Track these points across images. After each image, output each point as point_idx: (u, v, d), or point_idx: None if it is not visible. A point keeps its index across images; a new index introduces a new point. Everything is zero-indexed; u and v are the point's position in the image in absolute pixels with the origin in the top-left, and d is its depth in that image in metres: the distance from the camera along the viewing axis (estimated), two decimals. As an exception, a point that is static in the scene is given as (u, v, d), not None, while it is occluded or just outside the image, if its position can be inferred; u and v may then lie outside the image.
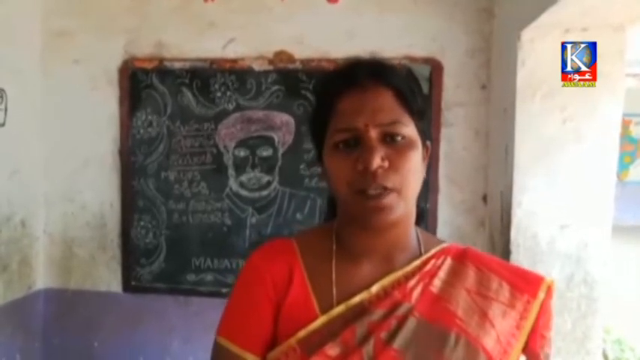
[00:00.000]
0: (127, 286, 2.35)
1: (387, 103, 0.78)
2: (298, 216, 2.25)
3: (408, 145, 0.78)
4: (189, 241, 2.31)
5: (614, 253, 1.88)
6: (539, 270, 1.72)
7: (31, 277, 2.36)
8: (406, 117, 0.79)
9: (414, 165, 0.78)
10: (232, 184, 2.27)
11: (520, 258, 1.75)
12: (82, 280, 2.40)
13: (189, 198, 2.30)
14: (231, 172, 2.27)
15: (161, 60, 2.29)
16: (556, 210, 1.74)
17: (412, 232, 0.86)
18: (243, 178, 2.27)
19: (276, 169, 2.25)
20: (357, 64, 0.84)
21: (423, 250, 0.85)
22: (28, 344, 2.33)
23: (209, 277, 2.29)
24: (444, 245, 0.88)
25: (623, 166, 8.56)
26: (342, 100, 0.80)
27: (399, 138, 0.77)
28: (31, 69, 2.34)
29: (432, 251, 0.85)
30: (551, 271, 1.74)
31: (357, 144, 0.77)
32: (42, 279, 2.42)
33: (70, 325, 2.39)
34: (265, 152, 2.25)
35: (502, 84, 1.94)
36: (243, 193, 2.27)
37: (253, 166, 2.25)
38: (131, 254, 2.35)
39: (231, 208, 2.28)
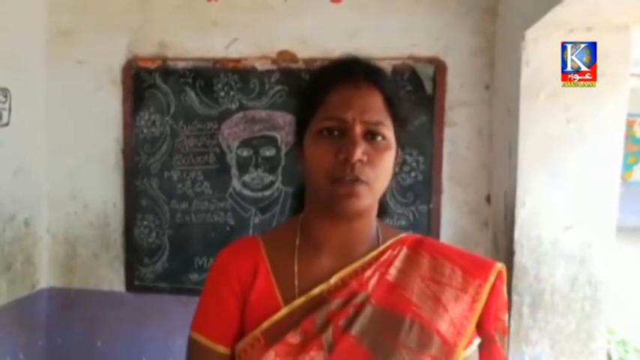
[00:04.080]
0: (130, 285, 2.36)
1: (375, 104, 0.84)
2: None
3: (386, 146, 0.83)
4: (192, 240, 2.31)
5: (618, 253, 1.87)
6: (543, 271, 1.73)
7: (35, 276, 2.37)
8: (389, 121, 0.85)
9: (388, 165, 0.84)
10: (235, 183, 2.27)
11: (524, 259, 1.75)
12: (85, 279, 2.41)
13: (192, 197, 2.30)
14: (234, 171, 2.27)
15: (164, 59, 2.30)
16: (560, 210, 1.73)
17: (372, 225, 0.91)
18: (247, 177, 2.27)
19: (279, 168, 2.25)
20: (354, 61, 0.88)
21: (380, 241, 0.90)
22: (31, 343, 2.34)
23: (212, 276, 2.29)
24: (401, 235, 0.92)
25: (627, 166, 8.52)
26: (335, 92, 0.84)
27: (380, 138, 0.82)
28: (35, 69, 2.34)
29: (389, 242, 0.90)
30: (554, 272, 1.73)
31: (340, 135, 0.82)
32: (45, 278, 2.42)
33: (73, 324, 2.40)
34: (268, 152, 2.25)
35: (506, 84, 1.93)
36: (246, 192, 2.27)
37: (256, 166, 2.25)
38: (134, 254, 2.35)
39: (234, 207, 2.28)
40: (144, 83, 2.31)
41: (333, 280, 0.85)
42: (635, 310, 4.46)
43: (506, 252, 1.83)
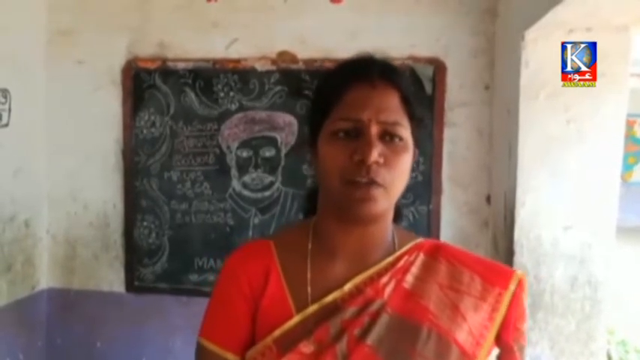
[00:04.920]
0: (130, 286, 2.36)
1: (392, 104, 0.81)
2: (301, 216, 2.24)
3: (404, 147, 0.80)
4: (192, 241, 2.31)
5: (618, 253, 1.87)
6: (543, 271, 1.73)
7: (35, 277, 2.37)
8: (406, 121, 0.82)
9: (405, 167, 0.81)
10: (235, 184, 2.27)
11: (523, 259, 1.75)
12: (85, 280, 2.41)
13: (192, 198, 2.30)
14: (234, 172, 2.27)
15: (164, 60, 2.30)
16: (560, 211, 1.73)
17: (388, 230, 0.87)
18: (246, 178, 2.26)
19: (279, 169, 2.25)
20: (369, 59, 0.86)
21: (396, 247, 0.87)
22: (31, 343, 2.34)
23: (212, 277, 2.29)
24: (417, 241, 0.89)
25: (627, 166, 8.53)
26: (350, 91, 0.81)
27: (397, 139, 0.80)
28: (35, 69, 2.34)
29: (405, 247, 0.87)
30: (554, 272, 1.73)
31: (356, 136, 0.79)
32: (45, 279, 2.42)
33: (73, 325, 2.40)
34: (268, 152, 2.25)
35: (505, 84, 1.93)
36: (246, 193, 2.27)
37: (256, 167, 2.25)
38: (134, 254, 2.35)
39: (234, 208, 2.28)
40: (143, 84, 2.31)
41: (348, 287, 0.82)
42: (635, 310, 4.46)
43: (506, 252, 1.83)
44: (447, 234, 2.16)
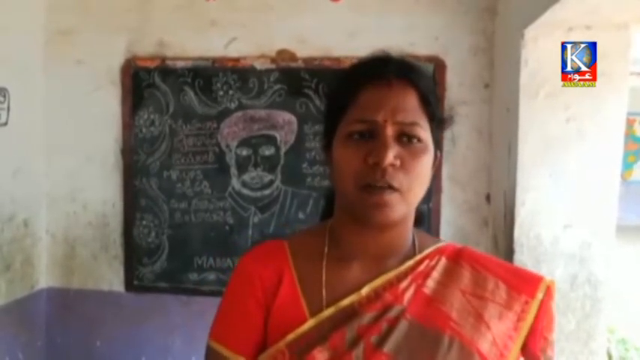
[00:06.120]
0: (130, 285, 2.35)
1: (410, 104, 0.77)
2: (300, 215, 2.25)
3: (422, 149, 0.77)
4: (191, 240, 2.31)
5: (618, 252, 1.87)
6: (543, 270, 1.72)
7: (34, 276, 2.36)
8: (425, 121, 0.78)
9: (424, 170, 0.78)
10: (235, 183, 2.27)
11: (523, 258, 1.75)
12: (85, 279, 2.40)
13: (191, 197, 2.30)
14: (233, 171, 2.27)
15: (163, 59, 2.29)
16: (560, 210, 1.73)
17: (408, 235, 0.84)
18: (246, 177, 2.26)
19: (279, 167, 2.25)
20: (386, 58, 0.83)
21: (417, 251, 0.83)
22: (30, 343, 2.34)
23: (211, 276, 2.29)
24: (439, 245, 0.86)
25: (627, 165, 8.52)
26: (366, 92, 0.78)
27: (415, 140, 0.76)
28: (34, 68, 2.34)
29: (427, 251, 0.83)
30: (554, 271, 1.73)
31: (371, 137, 0.76)
32: (44, 278, 2.42)
33: (72, 324, 2.40)
34: (267, 151, 2.24)
35: (505, 83, 1.93)
36: (246, 192, 2.27)
37: (255, 165, 2.25)
38: (133, 253, 2.35)
39: (234, 207, 2.28)
40: (143, 83, 2.30)
41: (365, 290, 0.78)
42: (635, 309, 4.46)
43: (506, 251, 1.83)
44: (447, 233, 2.16)
